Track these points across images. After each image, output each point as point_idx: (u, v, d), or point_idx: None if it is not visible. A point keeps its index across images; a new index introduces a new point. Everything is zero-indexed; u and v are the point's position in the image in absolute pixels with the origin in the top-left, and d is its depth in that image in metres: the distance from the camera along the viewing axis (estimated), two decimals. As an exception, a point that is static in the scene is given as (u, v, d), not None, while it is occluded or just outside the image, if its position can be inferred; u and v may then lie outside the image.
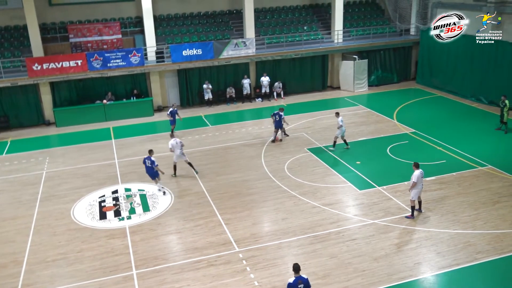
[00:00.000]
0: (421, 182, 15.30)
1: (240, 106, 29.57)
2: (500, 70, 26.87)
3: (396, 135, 23.17)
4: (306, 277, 10.69)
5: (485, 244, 13.96)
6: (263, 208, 16.62)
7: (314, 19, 34.05)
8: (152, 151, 18.06)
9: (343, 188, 17.93)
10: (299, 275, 10.62)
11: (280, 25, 32.82)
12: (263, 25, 32.35)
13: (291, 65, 31.28)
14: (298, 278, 10.57)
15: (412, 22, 33.88)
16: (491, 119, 24.84)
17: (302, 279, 10.59)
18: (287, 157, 20.92)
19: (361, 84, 31.93)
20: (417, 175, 15.08)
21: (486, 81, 27.86)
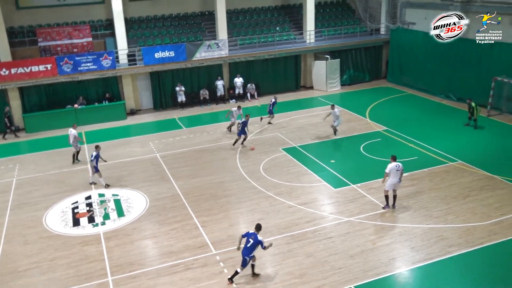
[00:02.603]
0: (396, 176, 15.48)
1: (214, 108, 29.45)
2: (467, 67, 27.48)
3: (369, 133, 23.44)
4: (260, 239, 12.16)
5: (457, 238, 14.23)
6: (239, 209, 16.57)
7: (286, 20, 34.19)
8: (99, 146, 18.69)
9: (318, 187, 18.02)
10: (257, 233, 12.28)
11: (253, 26, 32.84)
12: (235, 26, 32.31)
13: (264, 66, 31.32)
14: (253, 233, 12.29)
15: (382, 21, 34.36)
16: (460, 115, 25.37)
17: (255, 237, 12.18)
18: (262, 158, 20.92)
19: (333, 84, 32.21)
20: (390, 166, 15.38)
21: (454, 79, 28.44)
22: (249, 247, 12.31)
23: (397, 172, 15.48)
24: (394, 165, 15.43)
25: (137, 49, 28.56)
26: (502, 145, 21.54)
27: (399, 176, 15.56)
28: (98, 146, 18.94)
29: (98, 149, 18.77)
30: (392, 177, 15.51)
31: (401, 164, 15.70)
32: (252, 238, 12.29)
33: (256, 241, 12.25)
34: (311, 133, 23.92)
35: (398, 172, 15.48)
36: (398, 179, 15.58)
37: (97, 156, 18.54)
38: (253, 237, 12.29)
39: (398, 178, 15.54)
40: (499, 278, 12.56)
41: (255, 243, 12.25)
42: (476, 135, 22.79)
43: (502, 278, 12.55)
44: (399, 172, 15.50)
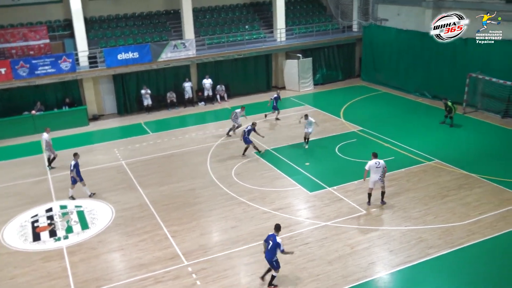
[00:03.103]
0: (376, 173, 15.88)
1: (182, 111, 29.29)
2: (441, 64, 28.11)
3: (344, 134, 23.71)
4: (279, 241, 12.06)
5: (436, 239, 14.52)
6: (211, 217, 16.50)
7: (256, 18, 34.30)
8: (77, 154, 18.16)
9: (293, 191, 18.10)
10: (276, 234, 12.24)
11: (221, 24, 32.82)
12: (202, 25, 32.23)
13: (234, 66, 31.33)
14: (270, 235, 12.27)
15: (354, 18, 34.85)
16: (436, 113, 25.91)
17: (274, 239, 12.12)
18: (234, 162, 20.90)
19: (306, 83, 32.47)
20: (369, 163, 15.97)
21: (429, 76, 29.06)
22: (270, 250, 12.26)
23: (377, 169, 15.87)
24: (374, 162, 15.87)
25: (98, 50, 28.16)
26: (478, 143, 22.12)
27: (380, 174, 15.90)
28: (76, 153, 18.34)
29: (77, 157, 18.17)
30: (372, 174, 15.96)
31: (383, 162, 16.06)
32: (272, 239, 12.21)
33: (274, 243, 12.15)
34: (284, 135, 24.03)
35: (378, 169, 15.86)
36: (379, 176, 15.91)
37: (76, 165, 17.92)
38: (272, 239, 12.22)
39: (378, 175, 15.89)
40: (480, 279, 12.85)
41: (274, 245, 12.18)
42: (452, 133, 23.33)
43: (483, 279, 12.85)
44: (379, 169, 15.87)
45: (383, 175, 16.08)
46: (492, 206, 16.26)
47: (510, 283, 12.75)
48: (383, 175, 16.09)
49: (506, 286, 12.68)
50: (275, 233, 12.41)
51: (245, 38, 31.82)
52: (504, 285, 12.69)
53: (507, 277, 12.92)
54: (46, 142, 20.92)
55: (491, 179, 18.16)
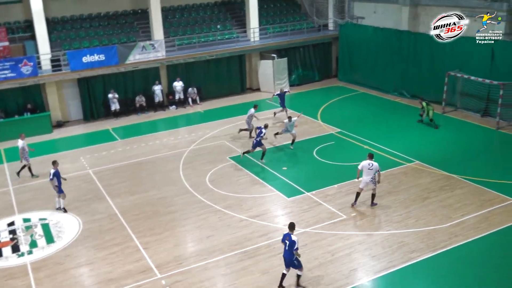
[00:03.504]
0: (368, 174, 16.25)
1: (152, 116, 29.07)
2: (419, 63, 28.59)
3: (321, 136, 23.86)
4: (294, 239, 12.30)
5: (418, 242, 14.71)
6: (185, 227, 16.40)
7: (228, 17, 34.32)
8: (56, 162, 17.70)
9: (270, 197, 18.12)
10: (291, 233, 12.47)
11: (191, 24, 32.73)
12: (172, 25, 32.08)
13: (206, 68, 31.25)
14: (288, 234, 12.47)
15: (329, 16, 35.16)
16: (415, 113, 26.28)
17: (290, 238, 12.36)
18: (208, 168, 20.82)
19: (282, 84, 32.57)
20: (362, 163, 16.33)
21: (407, 75, 29.51)
22: (288, 250, 12.50)
23: (369, 171, 16.19)
24: (367, 163, 16.26)
25: (61, 53, 27.75)
26: (458, 143, 22.54)
27: (372, 175, 16.21)
28: (55, 161, 17.79)
29: (56, 165, 17.61)
30: (364, 175, 16.28)
31: (376, 164, 16.32)
32: (288, 239, 12.49)
33: (291, 242, 12.41)
34: (260, 139, 24.03)
35: (370, 171, 16.18)
36: (370, 178, 16.22)
37: (56, 174, 17.44)
38: (288, 238, 12.49)
39: (370, 176, 16.21)
40: (464, 282, 13.07)
41: (291, 244, 12.42)
42: (432, 133, 23.70)
43: (467, 282, 13.07)
44: (371, 171, 16.18)
45: (375, 177, 16.35)
46: (474, 207, 16.57)
47: (495, 285, 12.98)
48: (375, 177, 16.36)
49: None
50: (290, 231, 12.61)
51: (217, 38, 31.79)
52: (489, 287, 12.92)
53: (492, 279, 13.16)
54: (22, 149, 20.45)
55: (472, 179, 18.51)
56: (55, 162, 17.78)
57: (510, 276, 13.27)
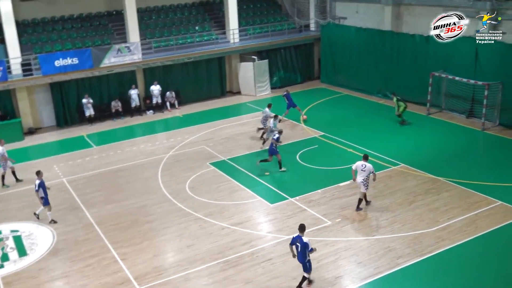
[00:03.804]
0: (360, 175, 16.54)
1: (128, 121, 28.90)
2: (403, 63, 28.90)
3: (304, 140, 23.96)
4: (306, 241, 12.50)
5: (405, 248, 14.84)
6: (165, 236, 16.31)
7: (206, 18, 34.32)
8: (40, 172, 17.52)
9: (253, 204, 18.13)
10: (302, 235, 12.66)
11: (168, 26, 32.65)
12: (148, 27, 31.96)
13: (184, 71, 31.20)
14: (297, 237, 12.69)
15: (311, 17, 35.39)
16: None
17: (301, 240, 12.56)
18: (188, 175, 20.76)
19: (263, 87, 32.67)
20: (356, 164, 16.76)
21: (391, 76, 29.80)
22: (301, 252, 12.70)
23: (361, 172, 16.48)
24: (360, 163, 16.62)
25: (32, 56, 27.46)
26: (444, 145, 22.82)
27: (363, 177, 16.48)
28: (39, 171, 17.60)
29: (41, 175, 17.45)
30: (358, 176, 16.66)
31: (370, 166, 16.56)
32: (299, 241, 12.69)
33: (302, 244, 12.62)
34: (241, 143, 24.07)
35: (363, 172, 16.47)
36: (362, 179, 16.50)
37: (41, 184, 17.29)
38: (299, 241, 12.69)
39: (362, 178, 16.50)
40: (451, 287, 13.20)
41: (303, 246, 12.63)
42: (417, 135, 23.96)
43: (454, 286, 13.20)
44: (364, 172, 16.46)
45: (368, 179, 16.62)
46: (461, 210, 16.79)
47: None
48: (368, 180, 16.63)
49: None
50: (300, 233, 12.79)
51: (195, 40, 31.76)
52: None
53: (480, 283, 13.33)
54: (2, 156, 20.17)
55: (458, 182, 18.75)
56: (39, 172, 17.58)
57: (498, 280, 13.45)
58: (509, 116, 23.96)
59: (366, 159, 16.83)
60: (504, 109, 24.13)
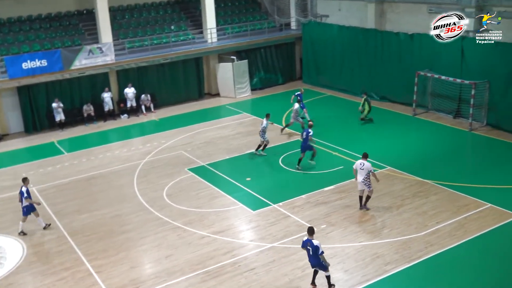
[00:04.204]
0: (360, 174, 16.98)
1: (101, 126, 28.71)
2: (387, 62, 29.19)
3: (287, 144, 24.04)
4: (316, 244, 12.77)
5: (393, 254, 14.96)
6: (142, 247, 16.22)
7: (182, 17, 34.28)
8: (27, 179, 17.48)
9: (234, 211, 18.12)
10: (311, 238, 12.90)
11: (143, 25, 32.54)
12: (121, 27, 31.82)
13: (160, 72, 31.12)
14: (307, 240, 12.95)
15: (292, 15, 35.56)
16: (384, 116, 26.83)
17: (311, 243, 12.82)
18: (165, 182, 20.68)
19: (243, 89, 32.72)
20: (356, 163, 17.29)
21: (375, 76, 30.08)
22: (313, 255, 13.00)
23: (361, 171, 17.00)
24: (359, 162, 17.12)
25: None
26: (431, 146, 23.09)
27: (363, 176, 16.92)
28: (26, 178, 17.56)
29: (27, 182, 17.42)
30: (358, 175, 17.13)
31: (368, 164, 16.96)
32: (309, 245, 12.95)
33: (313, 248, 12.87)
34: (221, 148, 24.06)
35: (362, 171, 16.97)
36: (362, 178, 16.95)
37: (27, 192, 17.24)
38: (309, 244, 12.95)
39: (362, 177, 16.96)
40: (441, 294, 13.38)
41: (314, 250, 12.87)
42: (403, 137, 24.19)
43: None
44: (363, 171, 16.94)
45: (369, 178, 16.96)
46: (450, 214, 16.99)
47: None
48: (369, 179, 16.97)
49: (468, 299, 13.26)
50: (310, 237, 13.00)
51: (171, 40, 31.68)
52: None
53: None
54: None
55: (446, 184, 18.98)
56: (26, 179, 17.55)
57: (489, 285, 13.63)
58: (497, 116, 24.34)
59: (366, 157, 17.20)
60: (491, 108, 24.52)
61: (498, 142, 23.09)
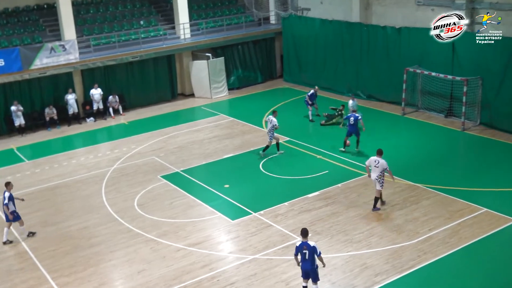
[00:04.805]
0: (374, 171, 17.49)
1: (65, 131, 28.51)
2: (374, 59, 29.42)
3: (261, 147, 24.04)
4: (313, 245, 12.88)
5: (383, 264, 15.06)
6: (112, 262, 16.11)
7: (152, 11, 34.21)
8: (10, 183, 17.48)
9: (212, 221, 18.09)
10: (306, 240, 12.90)
11: (109, 21, 32.39)
12: (86, 22, 31.64)
13: (129, 72, 31.02)
14: (303, 243, 12.91)
15: (271, 8, 35.72)
16: (372, 115, 27.01)
17: (307, 245, 12.85)
18: (136, 190, 20.60)
19: (219, 88, 32.72)
20: (369, 159, 17.81)
21: (361, 73, 30.31)
22: (309, 258, 12.92)
23: (375, 168, 17.48)
24: (374, 159, 17.59)
25: (-50, 59, 26.83)
26: (422, 148, 23.31)
27: (377, 173, 17.40)
28: (9, 183, 17.45)
29: (10, 187, 17.30)
30: (372, 172, 17.65)
31: (383, 162, 17.33)
32: (306, 247, 12.93)
33: (310, 249, 12.87)
34: (196, 153, 24.02)
35: (376, 168, 17.44)
36: (376, 176, 17.43)
37: (11, 197, 17.11)
38: (306, 247, 12.93)
39: (376, 174, 17.44)
40: (435, 306, 13.51)
41: (311, 252, 12.87)
42: (391, 138, 24.36)
43: (438, 305, 13.52)
44: (377, 168, 17.41)
45: (383, 176, 17.44)
46: (443, 219, 17.16)
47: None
48: (383, 177, 17.46)
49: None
50: (304, 239, 12.98)
51: (140, 36, 31.57)
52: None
53: (465, 300, 13.67)
54: None
55: (438, 188, 19.18)
56: (9, 184, 17.48)
57: (485, 295, 13.83)
58: (491, 114, 24.67)
59: (380, 154, 17.64)
60: (484, 106, 24.83)
61: (493, 142, 23.43)
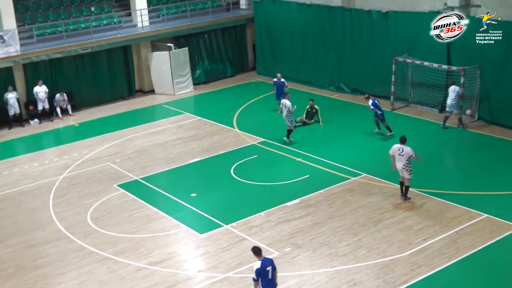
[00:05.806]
0: (400, 160, 18.37)
1: (5, 135, 28.25)
2: (358, 47, 29.58)
3: (240, 149, 24.09)
4: (271, 258, 13.18)
5: (373, 279, 15.14)
6: (63, 285, 15.96)
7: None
8: None
9: (177, 235, 18.04)
10: (263, 257, 12.86)
11: (55, 7, 32.16)
12: (28, 9, 31.39)
13: (79, 66, 30.86)
14: (264, 260, 12.79)
15: (241, -9, 35.79)
16: (357, 112, 27.19)
17: (268, 261, 12.90)
18: (89, 202, 20.46)
19: (183, 83, 32.64)
20: (393, 147, 18.67)
21: (344, 64, 30.49)
22: (272, 278, 12.82)
23: (399, 157, 18.36)
24: (397, 147, 18.44)
25: None
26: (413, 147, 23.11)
27: (404, 162, 18.29)
28: None
29: None
30: (397, 161, 18.54)
31: (409, 149, 18.27)
32: (268, 264, 12.85)
33: (272, 263, 12.93)
34: (158, 157, 23.93)
35: (401, 157, 18.32)
36: (403, 165, 18.32)
37: None
38: (268, 263, 12.86)
39: (402, 163, 18.33)
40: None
41: (273, 266, 12.92)
42: (380, 138, 24.53)
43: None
44: (402, 157, 18.31)
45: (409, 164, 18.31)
46: (439, 228, 17.33)
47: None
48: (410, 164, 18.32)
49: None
50: (259, 258, 12.79)
51: (91, 25, 31.35)
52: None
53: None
54: None
55: (433, 192, 19.38)
56: None
57: (488, 312, 14.01)
58: (490, 108, 24.97)
59: (404, 142, 18.43)
60: (483, 99, 25.12)
61: (493, 140, 23.76)
